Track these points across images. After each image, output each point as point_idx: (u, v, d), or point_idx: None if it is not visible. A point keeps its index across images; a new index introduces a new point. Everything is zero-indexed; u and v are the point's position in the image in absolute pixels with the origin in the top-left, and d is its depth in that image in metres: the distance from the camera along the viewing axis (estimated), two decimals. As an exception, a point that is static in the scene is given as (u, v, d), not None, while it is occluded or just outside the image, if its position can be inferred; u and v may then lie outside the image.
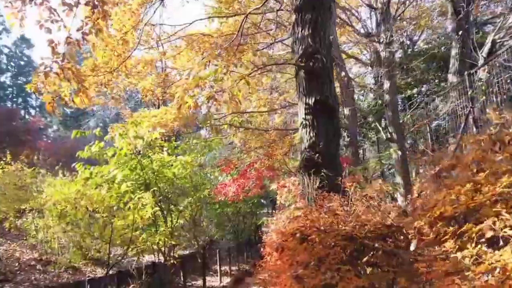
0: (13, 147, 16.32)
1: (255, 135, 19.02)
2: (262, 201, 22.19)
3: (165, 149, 10.78)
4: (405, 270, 3.67)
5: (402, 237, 3.78)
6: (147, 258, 12.32)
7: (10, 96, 55.20)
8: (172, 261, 9.67)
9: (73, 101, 5.96)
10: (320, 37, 6.41)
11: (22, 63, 54.26)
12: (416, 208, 3.25)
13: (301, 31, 6.48)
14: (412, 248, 3.30)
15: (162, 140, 11.36)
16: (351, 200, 4.39)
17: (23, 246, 9.78)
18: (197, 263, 13.67)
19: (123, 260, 10.98)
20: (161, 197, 10.27)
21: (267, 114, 19.72)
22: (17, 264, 8.35)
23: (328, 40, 6.61)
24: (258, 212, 21.28)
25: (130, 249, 8.58)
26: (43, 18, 4.82)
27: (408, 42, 21.51)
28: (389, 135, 10.48)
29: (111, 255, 9.92)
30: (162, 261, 10.51)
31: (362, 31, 19.22)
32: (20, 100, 56.84)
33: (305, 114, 6.26)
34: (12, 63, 54.54)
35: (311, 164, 6.06)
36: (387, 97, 10.62)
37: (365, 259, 4.03)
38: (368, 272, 4.05)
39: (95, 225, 7.70)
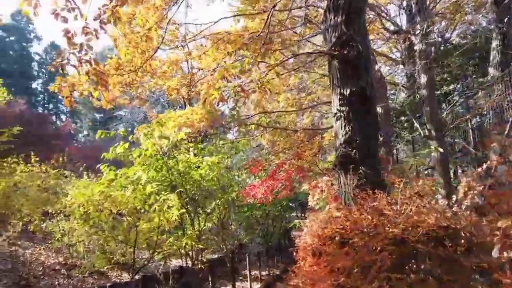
0: (43, 152, 16.35)
1: (283, 137, 18.57)
2: (291, 204, 21.59)
3: (191, 149, 10.46)
4: (466, 279, 3.16)
5: (462, 240, 3.25)
6: (175, 263, 12.03)
7: (41, 102, 56.66)
8: (200, 266, 9.30)
9: (91, 95, 5.65)
10: (355, 24, 5.91)
11: (53, 69, 55.19)
12: (497, 204, 2.72)
13: (334, 18, 6.00)
14: (494, 254, 2.77)
15: (188, 142, 11.04)
16: (400, 199, 3.86)
17: (48, 250, 9.62)
18: (226, 268, 13.27)
19: (150, 265, 10.70)
20: (187, 199, 9.94)
21: (295, 114, 19.25)
22: (41, 269, 8.15)
23: (363, 27, 6.12)
24: (287, 216, 20.79)
25: (156, 253, 8.25)
26: (58, 6, 4.52)
27: (440, 39, 20.59)
28: (427, 132, 9.84)
29: (137, 259, 9.65)
30: (190, 265, 10.17)
31: (391, 28, 18.53)
32: (51, 106, 58.27)
33: (340, 106, 5.76)
34: (43, 70, 55.93)
35: (347, 160, 5.55)
36: (424, 92, 9.98)
37: (410, 265, 3.54)
38: (418, 280, 3.54)
39: (119, 228, 7.39)
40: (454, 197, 6.23)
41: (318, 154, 16.25)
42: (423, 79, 9.96)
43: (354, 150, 5.52)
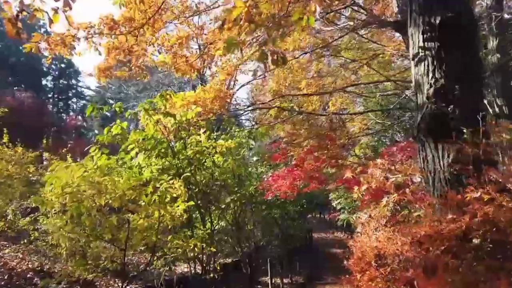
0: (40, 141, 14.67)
1: (305, 127, 16.72)
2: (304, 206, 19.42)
3: (202, 131, 8.56)
4: None
5: None
6: (183, 268, 10.25)
7: (51, 100, 55.20)
8: (212, 274, 7.44)
9: (51, 21, 3.79)
10: None
11: (62, 65, 54.18)
12: None
13: None
14: None
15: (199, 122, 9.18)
16: None
17: (24, 252, 7.80)
18: (241, 274, 11.42)
19: (153, 271, 8.89)
20: (197, 190, 8.09)
21: (318, 104, 17.37)
22: (6, 277, 6.34)
23: None
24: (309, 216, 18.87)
25: (155, 257, 6.38)
26: None
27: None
28: (497, 109, 7.84)
29: (134, 265, 7.90)
30: (200, 272, 8.32)
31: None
32: (61, 103, 56.84)
33: (424, 41, 3.84)
34: (53, 66, 54.50)
35: (439, 122, 3.63)
36: (493, 59, 7.98)
37: None
38: None
39: (106, 223, 5.52)
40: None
41: (347, 145, 14.36)
42: (492, 42, 7.97)
43: (451, 106, 3.59)
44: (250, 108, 14.75)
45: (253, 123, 21.08)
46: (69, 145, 8.52)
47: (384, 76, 14.68)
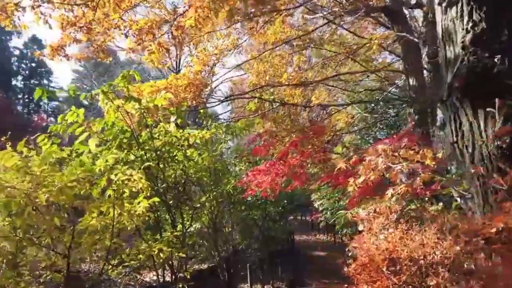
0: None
1: (286, 123, 15.86)
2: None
3: (172, 119, 7.44)
4: None
5: None
6: (152, 276, 9.13)
7: (21, 101, 52.72)
8: (181, 285, 6.36)
9: None
10: None
11: (33, 65, 51.95)
12: None
13: None
14: None
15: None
16: None
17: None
18: (218, 281, 10.37)
19: (116, 279, 7.80)
20: (166, 186, 7.01)
21: (300, 100, 16.54)
22: None
23: None
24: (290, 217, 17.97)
25: (109, 265, 5.25)
26: None
27: None
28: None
29: (94, 274, 6.82)
30: (170, 280, 7.23)
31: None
32: (32, 105, 54.36)
33: (457, -23, 2.90)
34: (23, 65, 52.18)
35: (481, 77, 2.68)
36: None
37: None
38: None
39: (44, 225, 4.37)
40: None
41: (332, 140, 13.51)
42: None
43: (498, 56, 2.64)
44: (229, 99, 13.67)
45: (231, 118, 20.15)
46: (9, 133, 7.18)
47: (368, 70, 14.11)
